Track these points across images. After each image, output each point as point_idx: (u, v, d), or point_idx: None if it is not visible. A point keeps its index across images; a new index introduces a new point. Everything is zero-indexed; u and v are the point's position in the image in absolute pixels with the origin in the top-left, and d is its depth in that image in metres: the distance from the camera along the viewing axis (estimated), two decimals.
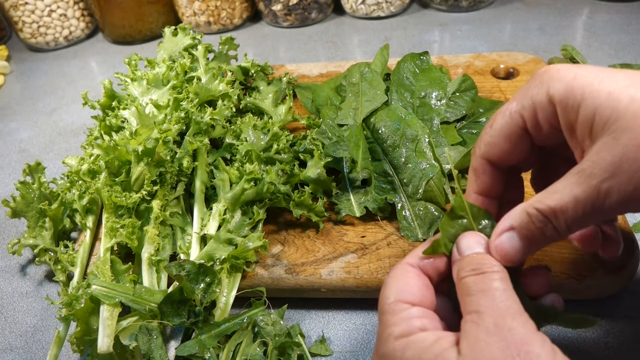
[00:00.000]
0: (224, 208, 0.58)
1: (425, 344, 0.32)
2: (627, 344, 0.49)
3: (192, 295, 0.50)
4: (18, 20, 1.13)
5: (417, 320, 0.34)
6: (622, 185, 0.32)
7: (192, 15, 1.12)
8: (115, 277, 0.54)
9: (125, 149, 0.58)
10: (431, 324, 0.35)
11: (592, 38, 0.95)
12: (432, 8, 1.12)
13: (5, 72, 1.13)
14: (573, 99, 0.34)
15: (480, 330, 0.31)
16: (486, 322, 0.31)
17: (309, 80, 0.83)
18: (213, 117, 0.64)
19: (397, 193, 0.59)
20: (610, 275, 0.50)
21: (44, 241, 0.61)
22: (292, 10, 1.10)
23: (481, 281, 0.34)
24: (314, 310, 0.56)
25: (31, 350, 0.57)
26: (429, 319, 0.35)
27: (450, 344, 0.32)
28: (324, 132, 0.64)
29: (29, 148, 0.89)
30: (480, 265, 0.35)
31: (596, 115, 0.33)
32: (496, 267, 0.35)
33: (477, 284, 0.34)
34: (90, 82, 1.06)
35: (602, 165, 0.32)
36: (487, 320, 0.31)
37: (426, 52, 0.71)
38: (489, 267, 0.34)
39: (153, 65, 0.73)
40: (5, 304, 0.62)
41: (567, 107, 0.34)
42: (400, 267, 0.38)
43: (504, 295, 0.32)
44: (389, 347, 0.34)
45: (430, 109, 0.66)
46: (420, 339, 0.33)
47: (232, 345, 0.50)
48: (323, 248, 0.57)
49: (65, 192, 0.62)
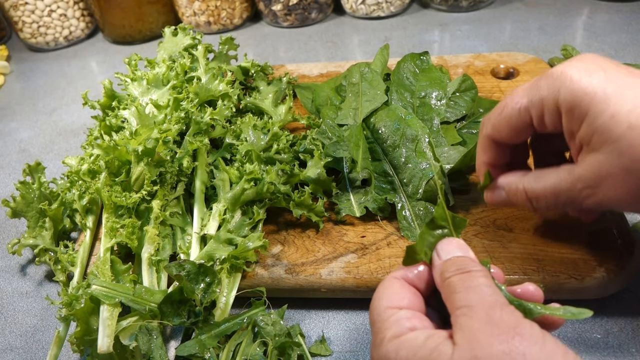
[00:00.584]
0: (224, 208, 0.58)
1: (417, 341, 0.33)
2: (627, 344, 0.49)
3: (192, 295, 0.50)
4: (18, 20, 1.13)
5: (407, 321, 0.35)
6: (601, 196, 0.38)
7: (192, 15, 1.12)
8: (115, 277, 0.54)
9: (125, 149, 0.58)
10: (421, 323, 0.36)
11: (592, 38, 0.95)
12: (432, 8, 1.12)
13: (5, 72, 1.13)
14: (578, 112, 0.37)
15: (474, 321, 0.32)
16: (478, 314, 0.32)
17: (309, 80, 0.83)
18: (213, 117, 0.64)
19: (397, 193, 0.59)
20: (610, 275, 0.50)
21: (44, 241, 0.61)
22: (292, 10, 1.10)
23: (467, 279, 0.35)
24: (314, 310, 0.56)
25: (31, 350, 0.57)
26: (418, 319, 0.36)
27: (442, 338, 0.33)
28: (324, 132, 0.64)
29: (29, 148, 0.89)
30: (465, 265, 0.36)
31: (595, 134, 0.37)
32: (478, 266, 0.37)
33: (463, 281, 0.35)
34: (90, 82, 1.06)
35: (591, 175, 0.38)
36: (479, 312, 0.32)
37: (426, 52, 0.71)
38: (473, 267, 0.36)
39: (153, 65, 0.73)
40: (5, 304, 0.62)
41: (572, 117, 0.38)
42: (386, 280, 0.39)
43: (490, 290, 0.34)
44: (382, 350, 0.35)
45: (430, 109, 0.66)
46: (412, 338, 0.34)
47: (232, 345, 0.50)
48: (323, 248, 0.57)
49: (65, 192, 0.62)
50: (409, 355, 0.33)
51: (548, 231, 0.55)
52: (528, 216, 0.56)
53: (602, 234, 0.53)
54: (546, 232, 0.55)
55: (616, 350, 0.49)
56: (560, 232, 0.54)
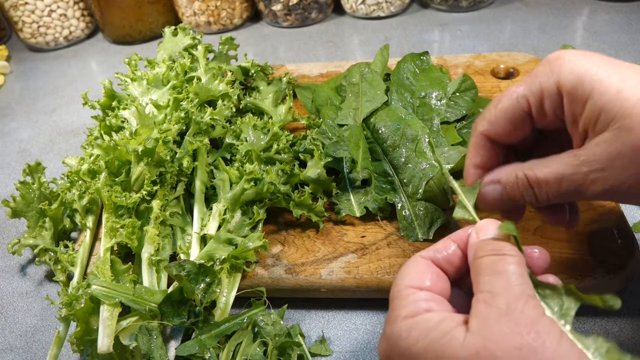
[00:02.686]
0: (224, 208, 0.58)
1: (430, 323, 0.33)
2: (627, 344, 0.49)
3: (192, 295, 0.50)
4: (18, 20, 1.13)
5: (424, 303, 0.35)
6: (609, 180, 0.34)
7: (192, 15, 1.12)
8: (115, 277, 0.54)
9: (125, 149, 0.58)
10: (438, 306, 0.35)
11: (592, 38, 0.95)
12: (432, 8, 1.12)
13: (5, 72, 1.13)
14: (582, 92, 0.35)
15: (492, 310, 0.31)
16: (499, 303, 0.31)
17: (309, 80, 0.83)
18: (213, 117, 0.64)
19: (397, 193, 0.59)
20: (610, 275, 0.50)
21: (44, 241, 0.61)
22: (292, 10, 1.10)
23: (498, 262, 0.34)
24: (314, 310, 0.56)
25: (31, 350, 0.57)
26: (436, 302, 0.35)
27: (457, 323, 0.32)
28: (324, 132, 0.64)
29: (29, 148, 0.89)
30: (500, 248, 0.35)
31: (603, 112, 0.34)
32: (515, 251, 0.35)
33: (494, 264, 0.34)
34: (90, 82, 1.06)
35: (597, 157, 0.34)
36: (500, 301, 0.31)
37: (426, 52, 0.71)
38: (508, 251, 0.35)
39: (153, 65, 0.73)
40: (5, 304, 0.62)
41: (575, 99, 0.36)
42: (412, 259, 0.38)
43: (520, 279, 0.33)
44: (395, 328, 0.34)
45: (430, 109, 0.66)
46: (426, 319, 0.33)
47: (232, 345, 0.50)
48: (323, 248, 0.57)
49: (65, 192, 0.62)
50: (419, 336, 0.32)
51: (548, 231, 0.55)
52: (528, 216, 0.56)
53: (602, 234, 0.53)
54: (546, 232, 0.55)
55: None
56: (560, 232, 0.54)
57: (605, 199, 0.36)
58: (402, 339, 0.33)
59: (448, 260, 0.38)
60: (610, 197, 0.36)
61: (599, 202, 0.57)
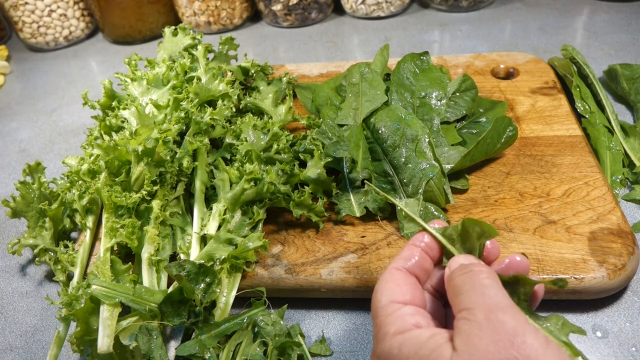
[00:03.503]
0: (224, 208, 0.58)
1: (420, 339, 0.33)
2: (627, 344, 0.49)
3: (192, 295, 0.50)
4: (18, 20, 1.13)
5: (411, 317, 0.35)
6: None
7: (192, 15, 1.12)
8: (115, 277, 0.54)
9: (125, 149, 0.58)
10: (424, 320, 0.36)
11: (592, 38, 0.95)
12: (432, 8, 1.12)
13: (5, 72, 1.13)
14: None
15: (473, 325, 0.31)
16: (477, 317, 0.32)
17: (309, 80, 0.83)
18: (213, 117, 0.64)
19: (397, 193, 0.59)
20: (610, 275, 0.50)
21: (44, 241, 0.61)
22: (292, 10, 1.10)
23: (470, 279, 0.35)
24: (314, 310, 0.56)
25: (31, 350, 0.57)
26: (422, 316, 0.36)
27: (444, 340, 0.33)
28: (324, 132, 0.64)
29: (29, 148, 0.89)
30: (469, 267, 0.36)
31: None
32: (484, 267, 0.36)
33: (465, 282, 0.35)
34: (90, 82, 1.06)
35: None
36: (478, 315, 0.32)
37: (426, 52, 0.71)
38: (476, 267, 0.36)
39: (153, 65, 0.73)
40: (5, 304, 0.62)
41: None
42: (388, 271, 0.39)
43: (493, 291, 0.33)
44: (385, 345, 0.35)
45: (431, 109, 0.66)
46: (415, 335, 0.34)
47: (232, 345, 0.50)
48: (323, 248, 0.57)
49: (65, 192, 0.62)
50: (410, 353, 0.33)
51: (548, 231, 0.55)
52: (528, 216, 0.56)
53: (602, 234, 0.53)
54: (546, 232, 0.55)
55: (616, 350, 0.49)
56: (560, 232, 0.54)
57: None
58: (393, 356, 0.34)
59: (419, 266, 0.39)
60: None
61: (599, 202, 0.57)
